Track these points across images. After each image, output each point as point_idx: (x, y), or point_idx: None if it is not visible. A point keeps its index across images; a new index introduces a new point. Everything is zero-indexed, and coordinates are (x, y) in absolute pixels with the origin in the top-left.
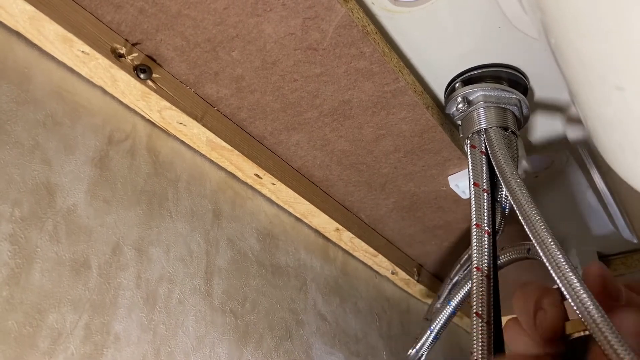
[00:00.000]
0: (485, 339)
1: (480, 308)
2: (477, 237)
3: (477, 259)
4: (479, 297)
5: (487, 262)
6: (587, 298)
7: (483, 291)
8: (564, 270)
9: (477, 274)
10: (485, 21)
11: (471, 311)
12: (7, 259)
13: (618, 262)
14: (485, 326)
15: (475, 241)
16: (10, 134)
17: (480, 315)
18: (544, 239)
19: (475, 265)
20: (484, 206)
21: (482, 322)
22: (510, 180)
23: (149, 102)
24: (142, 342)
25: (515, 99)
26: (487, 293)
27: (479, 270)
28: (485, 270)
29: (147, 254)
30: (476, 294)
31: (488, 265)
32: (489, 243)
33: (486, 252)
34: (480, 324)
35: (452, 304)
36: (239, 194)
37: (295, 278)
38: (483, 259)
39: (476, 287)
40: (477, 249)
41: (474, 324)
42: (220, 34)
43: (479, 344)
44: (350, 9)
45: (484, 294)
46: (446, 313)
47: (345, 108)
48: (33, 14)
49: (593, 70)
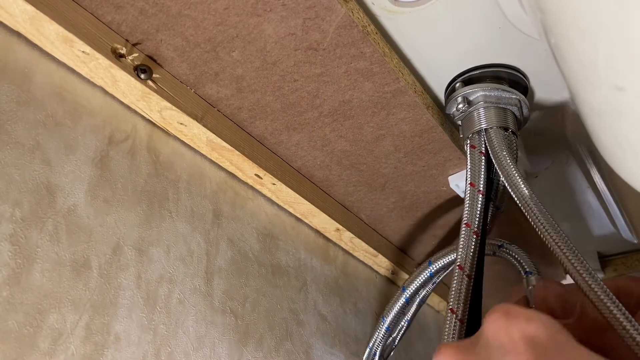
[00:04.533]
0: (455, 336)
1: (456, 305)
2: (464, 236)
3: (461, 258)
4: (456, 295)
5: (470, 262)
6: (603, 294)
7: (461, 289)
8: (577, 265)
9: (459, 272)
10: (486, 21)
11: (446, 306)
12: (8, 259)
13: (618, 262)
14: (457, 323)
15: (463, 240)
16: (11, 134)
17: (454, 312)
18: (553, 235)
19: (459, 263)
20: (477, 207)
21: (455, 318)
22: (512, 177)
23: (150, 102)
24: (142, 342)
25: (515, 99)
26: (466, 292)
27: (461, 269)
28: (467, 269)
29: (147, 254)
30: (454, 291)
31: (470, 265)
32: (475, 243)
33: (471, 252)
34: (453, 321)
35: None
36: (239, 194)
37: (295, 278)
38: (467, 258)
39: (455, 284)
40: (463, 248)
41: (447, 319)
42: (220, 34)
43: (449, 340)
44: (350, 9)
45: (461, 292)
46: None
47: (346, 108)
48: (33, 14)
49: (593, 70)
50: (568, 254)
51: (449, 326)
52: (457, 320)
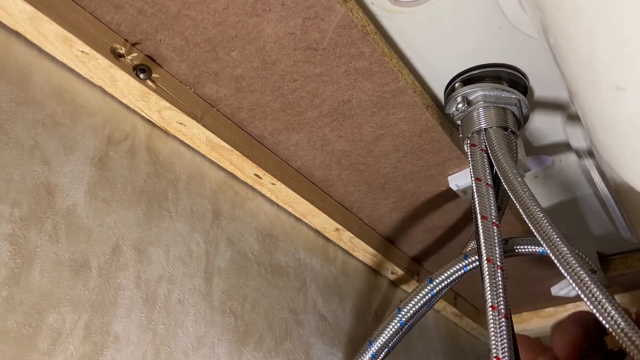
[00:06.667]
0: (504, 333)
1: (496, 301)
2: (484, 229)
3: (487, 251)
4: (493, 290)
5: (499, 253)
6: (599, 293)
7: (497, 283)
8: (574, 267)
9: (489, 266)
10: (485, 21)
11: (486, 305)
12: (7, 259)
13: (618, 262)
14: (503, 320)
15: (483, 233)
16: (10, 134)
17: (496, 309)
18: (550, 236)
19: (486, 257)
20: (490, 199)
21: (499, 315)
22: (511, 179)
23: (149, 102)
24: (141, 342)
25: (515, 99)
26: (503, 285)
27: (491, 262)
28: (497, 262)
29: (146, 254)
30: (490, 286)
31: (500, 257)
32: (498, 234)
33: (497, 243)
34: (497, 318)
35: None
36: (239, 194)
37: (295, 278)
38: (495, 250)
39: (489, 279)
40: (486, 240)
41: (491, 318)
42: (219, 34)
43: (499, 338)
44: (349, 8)
45: (498, 286)
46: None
47: (345, 108)
48: (33, 14)
49: (592, 70)
50: (568, 256)
51: (494, 325)
52: (501, 317)
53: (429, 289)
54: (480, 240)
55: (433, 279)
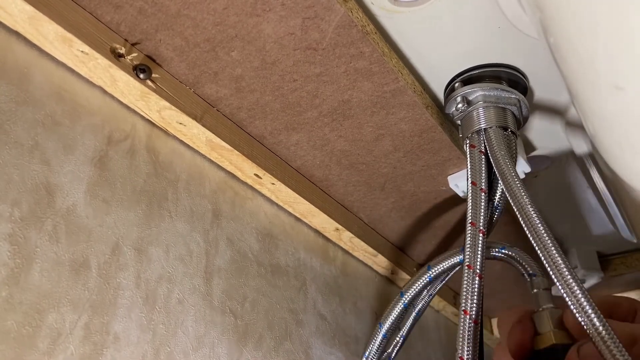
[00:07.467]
0: (471, 338)
1: (469, 306)
2: (471, 235)
3: (469, 257)
4: (468, 295)
5: (480, 261)
6: (585, 302)
7: (473, 289)
8: (564, 273)
9: (468, 272)
10: (485, 21)
11: (459, 308)
12: (7, 259)
13: (618, 262)
14: (472, 325)
15: (469, 239)
16: (10, 134)
17: (468, 313)
18: (544, 240)
19: (467, 263)
20: (481, 205)
21: (470, 320)
22: (509, 180)
23: (149, 102)
24: (141, 342)
25: (515, 99)
26: (478, 291)
27: (470, 269)
28: (477, 269)
29: (146, 254)
30: (466, 291)
31: (480, 264)
32: (482, 242)
33: (479, 251)
34: (467, 322)
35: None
36: (239, 194)
37: (294, 278)
38: (476, 257)
39: (466, 285)
40: (470, 247)
41: (462, 321)
42: (219, 34)
43: (465, 342)
44: (349, 8)
45: (473, 292)
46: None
47: (345, 108)
48: (32, 14)
49: (592, 69)
50: (557, 259)
51: (463, 328)
52: (471, 322)
53: (427, 275)
54: (465, 245)
55: (431, 266)
